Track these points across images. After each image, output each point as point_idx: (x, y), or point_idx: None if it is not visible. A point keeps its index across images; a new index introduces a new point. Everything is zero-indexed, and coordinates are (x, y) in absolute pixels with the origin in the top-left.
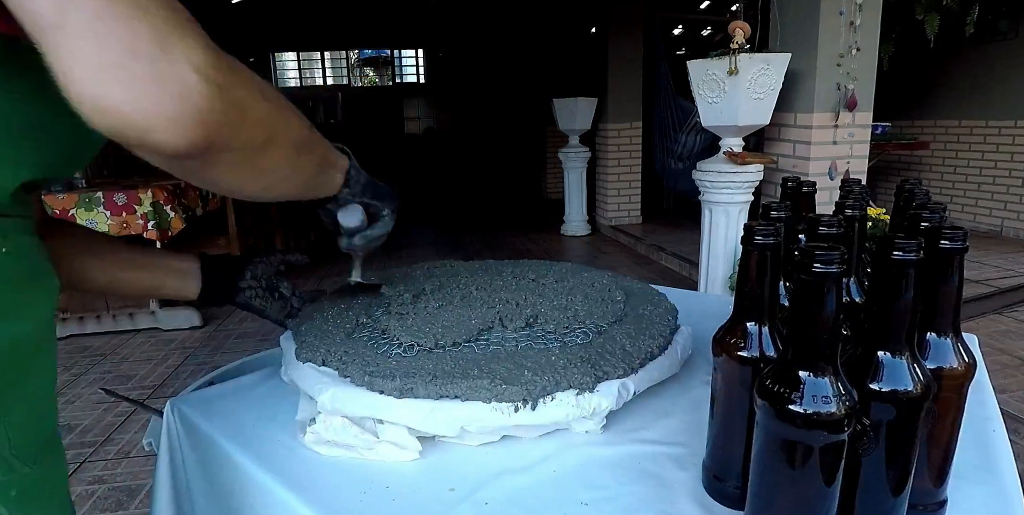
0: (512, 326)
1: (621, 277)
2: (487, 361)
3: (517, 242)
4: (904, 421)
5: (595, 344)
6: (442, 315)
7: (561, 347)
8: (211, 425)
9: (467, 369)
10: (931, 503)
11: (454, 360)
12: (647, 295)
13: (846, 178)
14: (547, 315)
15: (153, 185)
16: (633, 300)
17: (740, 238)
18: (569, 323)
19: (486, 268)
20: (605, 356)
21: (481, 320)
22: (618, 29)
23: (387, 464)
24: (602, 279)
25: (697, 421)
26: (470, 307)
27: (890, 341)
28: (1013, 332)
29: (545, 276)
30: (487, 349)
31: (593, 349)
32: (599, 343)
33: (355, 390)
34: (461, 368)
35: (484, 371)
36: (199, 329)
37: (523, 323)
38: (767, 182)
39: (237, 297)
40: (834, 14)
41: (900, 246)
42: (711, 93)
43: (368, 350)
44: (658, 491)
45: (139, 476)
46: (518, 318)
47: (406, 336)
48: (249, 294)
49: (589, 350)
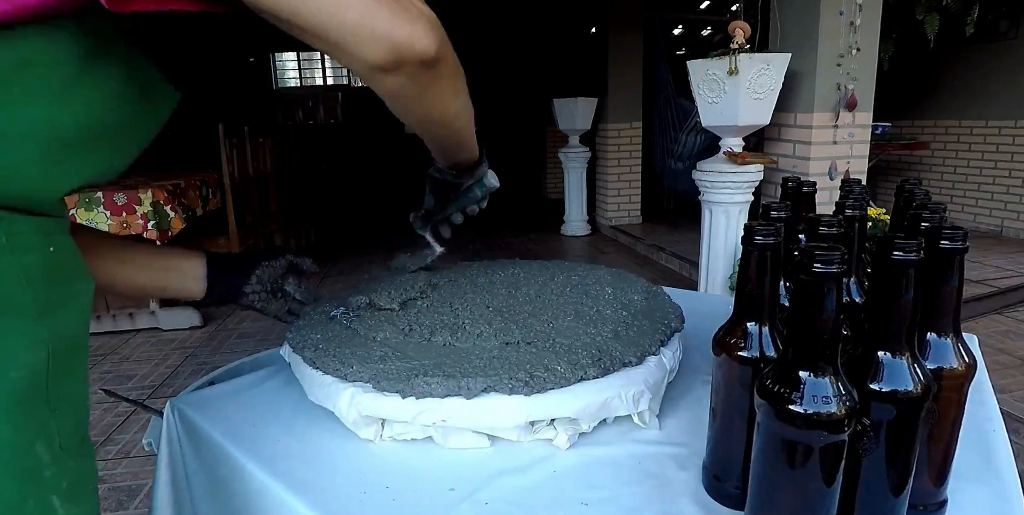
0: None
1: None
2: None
3: (517, 242)
4: (904, 421)
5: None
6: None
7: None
8: (211, 425)
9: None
10: (931, 503)
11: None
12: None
13: (846, 178)
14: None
15: (153, 185)
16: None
17: (740, 238)
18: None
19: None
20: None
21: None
22: (618, 29)
23: (387, 464)
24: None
25: (697, 421)
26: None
27: (890, 341)
28: (1013, 332)
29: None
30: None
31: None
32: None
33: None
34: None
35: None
36: (199, 329)
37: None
38: (767, 182)
39: (240, 300)
40: (834, 14)
41: (900, 246)
42: (711, 93)
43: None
44: (658, 491)
45: (139, 476)
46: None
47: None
48: (253, 298)
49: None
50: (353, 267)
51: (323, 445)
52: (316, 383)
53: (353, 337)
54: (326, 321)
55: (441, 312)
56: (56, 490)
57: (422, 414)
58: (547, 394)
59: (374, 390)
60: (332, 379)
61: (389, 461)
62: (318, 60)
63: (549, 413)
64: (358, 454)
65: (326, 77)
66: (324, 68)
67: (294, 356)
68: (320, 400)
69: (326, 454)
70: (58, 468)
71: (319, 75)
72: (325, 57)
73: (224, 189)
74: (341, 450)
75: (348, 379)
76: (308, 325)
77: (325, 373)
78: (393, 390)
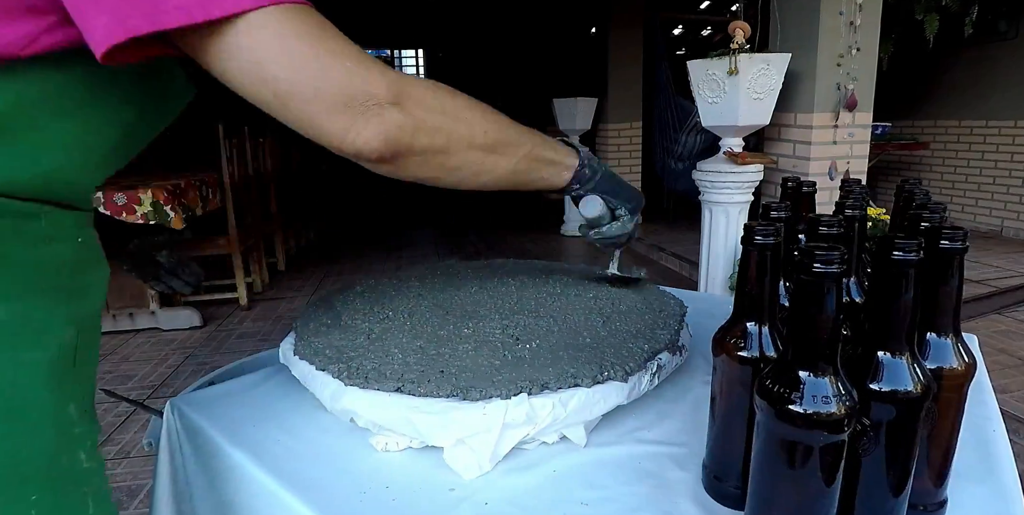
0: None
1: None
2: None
3: (517, 242)
4: (904, 421)
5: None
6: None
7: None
8: (211, 425)
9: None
10: (931, 503)
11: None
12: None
13: (846, 178)
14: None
15: (153, 185)
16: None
17: (740, 238)
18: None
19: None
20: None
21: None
22: (618, 29)
23: (387, 464)
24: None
25: (697, 421)
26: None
27: (890, 341)
28: (1013, 332)
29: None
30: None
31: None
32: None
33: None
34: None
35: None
36: (199, 329)
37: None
38: (767, 182)
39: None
40: (834, 14)
41: (900, 246)
42: (711, 93)
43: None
44: (658, 491)
45: (139, 476)
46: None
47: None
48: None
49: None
50: (353, 267)
51: (323, 445)
52: (332, 394)
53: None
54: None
55: (453, 321)
56: (83, 446)
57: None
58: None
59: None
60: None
61: (389, 461)
62: None
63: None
64: (358, 454)
65: None
66: None
67: (305, 365)
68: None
69: (326, 454)
70: (84, 428)
71: None
72: None
73: (224, 189)
74: (341, 450)
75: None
76: (313, 333)
77: (348, 384)
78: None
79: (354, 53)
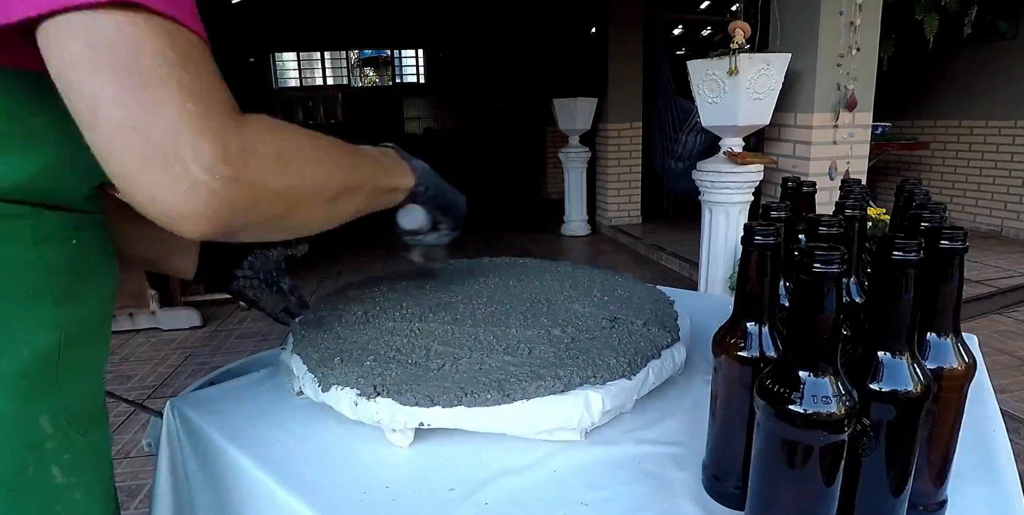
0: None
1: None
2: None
3: (517, 242)
4: (904, 421)
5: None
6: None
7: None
8: (211, 425)
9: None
10: (931, 503)
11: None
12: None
13: (846, 178)
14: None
15: None
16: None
17: (740, 238)
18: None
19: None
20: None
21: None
22: (618, 29)
23: (387, 464)
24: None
25: (697, 421)
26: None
27: (890, 341)
28: (1013, 332)
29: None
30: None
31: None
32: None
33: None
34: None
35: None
36: (199, 329)
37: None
38: (767, 182)
39: (231, 285)
40: (834, 14)
41: (900, 246)
42: (711, 93)
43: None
44: (658, 491)
45: (139, 476)
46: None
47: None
48: (243, 283)
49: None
50: (353, 267)
51: (323, 445)
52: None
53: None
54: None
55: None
56: (57, 461)
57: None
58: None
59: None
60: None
61: (389, 461)
62: (318, 60)
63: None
64: (358, 454)
65: (326, 77)
66: (324, 68)
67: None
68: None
69: (326, 454)
70: (61, 441)
71: (319, 75)
72: (325, 57)
73: None
74: (341, 450)
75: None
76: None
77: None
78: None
79: (205, 95)
